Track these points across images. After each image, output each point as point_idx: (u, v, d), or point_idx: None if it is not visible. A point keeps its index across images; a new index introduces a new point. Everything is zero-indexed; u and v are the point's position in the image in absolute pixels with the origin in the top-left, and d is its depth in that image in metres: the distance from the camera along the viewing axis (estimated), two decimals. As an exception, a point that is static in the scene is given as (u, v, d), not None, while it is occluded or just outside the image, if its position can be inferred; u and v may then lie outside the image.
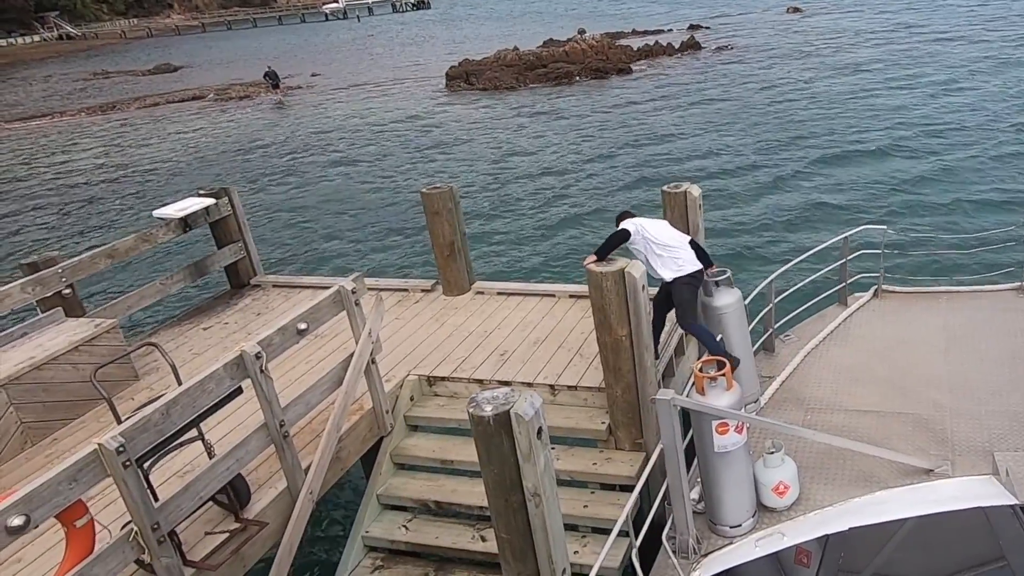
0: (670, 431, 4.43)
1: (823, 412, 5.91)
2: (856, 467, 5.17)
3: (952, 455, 5.19)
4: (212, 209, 8.34)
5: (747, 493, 4.83)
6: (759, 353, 6.65)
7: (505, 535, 4.24)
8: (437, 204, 7.89)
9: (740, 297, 5.96)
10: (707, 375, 4.64)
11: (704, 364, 4.75)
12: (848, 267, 7.30)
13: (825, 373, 6.43)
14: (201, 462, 5.16)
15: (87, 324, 6.73)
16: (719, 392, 4.63)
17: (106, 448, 3.99)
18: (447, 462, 6.28)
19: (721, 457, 4.66)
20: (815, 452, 5.35)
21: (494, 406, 3.95)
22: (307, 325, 5.38)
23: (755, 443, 5.21)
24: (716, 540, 4.86)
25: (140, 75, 52.86)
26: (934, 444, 5.33)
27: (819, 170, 16.81)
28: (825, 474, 5.19)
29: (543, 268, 13.06)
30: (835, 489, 5.04)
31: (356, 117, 29.46)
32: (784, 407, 6.02)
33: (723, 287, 5.91)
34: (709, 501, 4.89)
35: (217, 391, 4.69)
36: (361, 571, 5.92)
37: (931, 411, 5.71)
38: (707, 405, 4.52)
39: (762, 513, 4.93)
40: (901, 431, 5.52)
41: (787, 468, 4.92)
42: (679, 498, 4.63)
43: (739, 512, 4.82)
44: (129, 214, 19.52)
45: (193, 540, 4.88)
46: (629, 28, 45.49)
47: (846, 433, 5.35)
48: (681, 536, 4.75)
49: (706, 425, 4.59)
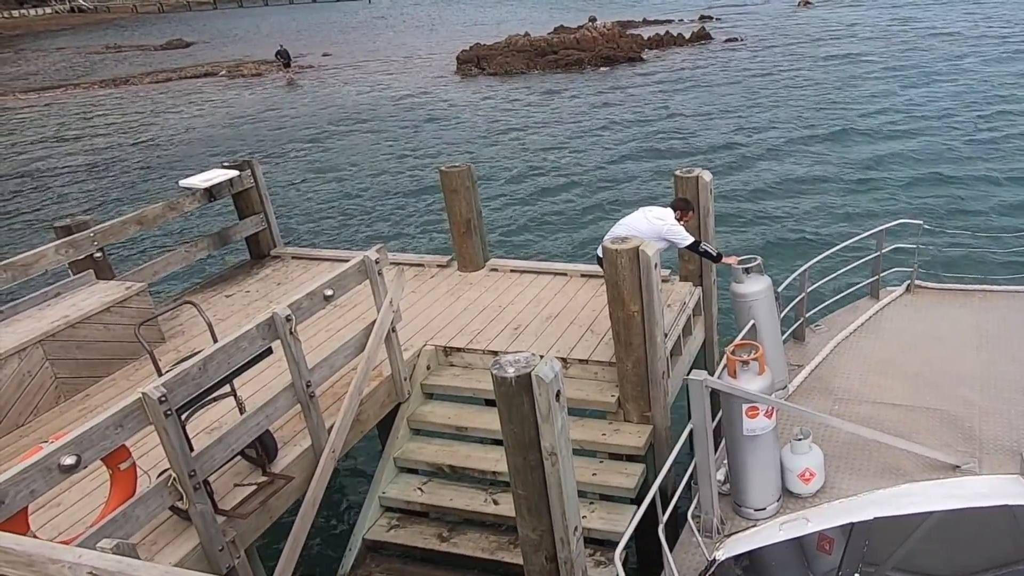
0: (700, 412, 4.50)
1: (851, 403, 5.91)
2: (882, 459, 5.19)
3: (980, 453, 5.17)
4: (236, 181, 8.55)
5: (773, 477, 4.88)
6: (789, 341, 6.67)
7: (522, 491, 4.48)
8: (455, 182, 8.09)
9: (770, 284, 5.95)
10: (740, 359, 4.69)
11: (737, 348, 4.80)
12: (882, 260, 7.25)
13: (854, 364, 6.41)
14: (228, 420, 5.44)
15: (118, 286, 6.97)
16: (751, 376, 4.67)
17: (149, 397, 4.24)
18: (461, 429, 6.53)
19: (750, 440, 4.70)
20: (841, 442, 5.38)
21: (516, 368, 4.18)
22: (333, 291, 5.62)
23: (783, 429, 5.21)
24: (740, 522, 4.93)
25: (152, 50, 52.92)
26: (962, 441, 5.32)
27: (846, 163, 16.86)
28: (851, 464, 5.22)
29: (553, 250, 13.29)
30: (860, 479, 5.06)
31: (367, 97, 29.60)
32: (812, 396, 6.04)
33: (753, 274, 5.93)
34: (735, 483, 4.94)
35: (250, 349, 4.93)
36: (378, 530, 6.19)
37: (960, 408, 5.67)
38: (739, 388, 4.56)
39: (787, 498, 4.98)
40: (929, 426, 5.51)
41: (814, 456, 4.97)
42: (706, 478, 4.70)
43: (764, 496, 4.88)
44: (150, 183, 19.84)
45: (224, 491, 5.15)
46: (640, 17, 45.38)
47: (873, 425, 5.34)
48: (706, 515, 4.82)
49: (736, 408, 4.63)
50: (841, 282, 7.37)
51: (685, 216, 6.56)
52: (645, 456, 6.16)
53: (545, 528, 4.60)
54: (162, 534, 4.75)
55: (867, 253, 7.41)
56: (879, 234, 7.18)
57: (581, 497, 5.89)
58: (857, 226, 12.23)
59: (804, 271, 6.64)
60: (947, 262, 9.88)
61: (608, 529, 5.74)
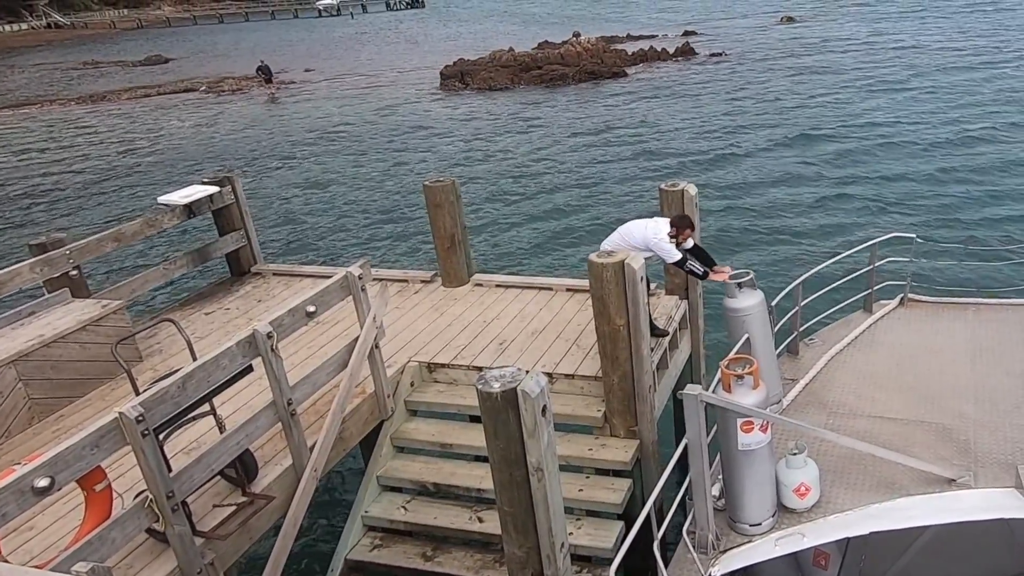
0: (696, 426, 4.46)
1: (845, 417, 5.88)
2: (878, 473, 5.15)
3: (975, 466, 5.14)
4: (216, 197, 8.46)
5: (768, 492, 4.84)
6: (783, 355, 6.65)
7: (508, 508, 4.43)
8: (439, 196, 8.07)
9: (763, 299, 5.92)
10: (734, 373, 4.66)
11: (731, 362, 4.77)
12: (875, 274, 7.23)
13: (849, 378, 6.38)
14: (208, 439, 5.33)
15: (94, 305, 6.84)
16: (746, 390, 4.63)
17: (126, 417, 4.14)
18: (446, 446, 6.46)
19: (745, 455, 4.67)
20: (837, 456, 5.34)
21: (502, 383, 4.14)
22: (316, 308, 5.55)
23: (778, 444, 5.16)
24: (735, 537, 4.88)
25: (131, 66, 52.58)
26: (957, 454, 5.29)
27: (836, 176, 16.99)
28: (846, 478, 5.18)
29: (538, 264, 13.29)
30: (856, 494, 5.02)
31: (350, 113, 29.58)
32: (806, 410, 6.00)
33: (746, 288, 5.87)
34: (730, 498, 4.90)
35: (230, 367, 4.84)
36: (361, 549, 6.08)
37: (955, 421, 5.65)
38: (734, 403, 4.53)
39: (782, 513, 4.93)
40: (924, 439, 5.47)
41: (809, 470, 4.93)
42: (701, 494, 4.65)
43: (760, 511, 4.84)
44: (127, 201, 19.60)
45: (202, 512, 5.03)
46: (624, 32, 45.90)
47: (868, 439, 5.31)
48: (701, 531, 4.77)
49: (731, 423, 4.60)
50: (835, 296, 7.31)
51: (681, 233, 6.46)
52: (632, 471, 6.12)
53: (531, 545, 4.55)
54: (138, 557, 4.63)
55: (860, 267, 7.36)
56: (872, 248, 7.16)
57: (567, 513, 5.81)
58: (850, 240, 12.25)
59: (797, 285, 6.61)
60: (941, 276, 9.83)
61: (595, 545, 5.69)
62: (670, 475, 4.79)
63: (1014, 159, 17.26)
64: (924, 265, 8.70)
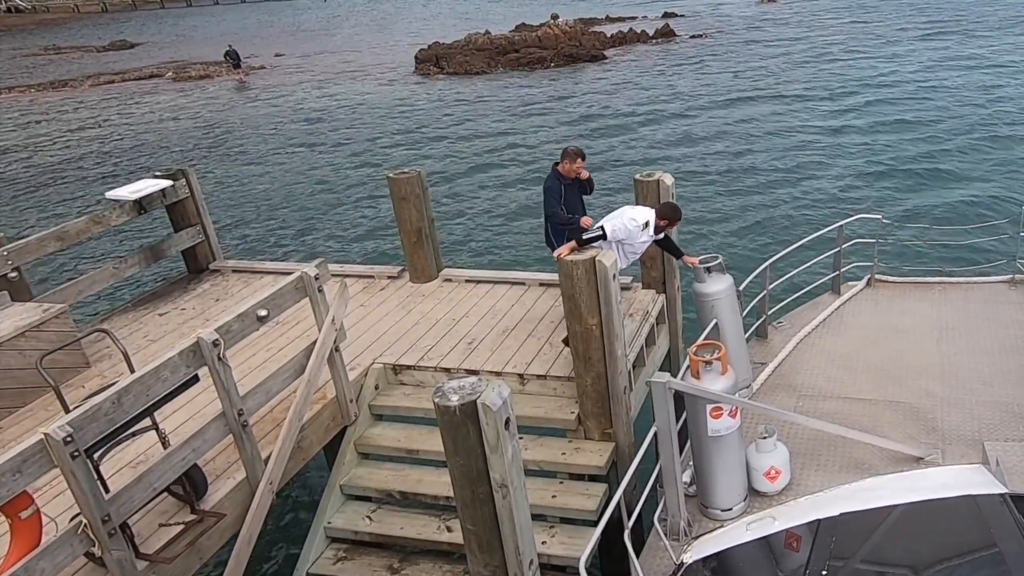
0: (664, 414, 4.44)
1: (815, 399, 5.92)
2: (847, 454, 5.20)
3: (943, 444, 5.22)
4: (169, 191, 8.02)
5: (739, 477, 4.85)
6: (752, 339, 6.68)
7: (471, 527, 4.15)
8: (404, 189, 7.72)
9: (732, 283, 5.95)
10: (702, 359, 4.65)
11: (700, 348, 4.76)
12: (842, 255, 7.31)
13: (817, 360, 6.43)
14: (156, 452, 4.98)
15: (34, 309, 6.42)
16: (714, 376, 4.65)
17: (52, 438, 3.80)
18: (412, 452, 6.17)
19: (715, 441, 4.68)
20: (807, 438, 5.40)
21: (460, 396, 3.85)
22: (267, 312, 5.21)
23: (748, 428, 5.23)
24: (707, 523, 4.88)
25: (95, 51, 50.92)
26: (925, 433, 5.37)
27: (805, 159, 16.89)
28: (816, 460, 5.22)
29: (509, 255, 12.97)
30: (826, 475, 5.06)
31: (321, 99, 28.84)
32: (776, 393, 6.05)
33: (715, 273, 5.90)
34: (701, 484, 4.92)
35: (172, 379, 4.50)
36: (323, 563, 5.79)
37: (922, 400, 5.74)
38: (703, 389, 4.53)
39: (753, 497, 4.95)
40: (892, 419, 5.56)
41: (779, 453, 4.96)
42: (672, 481, 4.64)
43: (731, 496, 4.85)
44: (81, 197, 18.79)
45: (147, 532, 4.71)
46: (603, 14, 45.32)
47: (838, 420, 5.36)
48: (672, 518, 4.78)
49: (700, 409, 4.60)
50: (802, 278, 7.32)
51: (660, 222, 6.11)
52: (607, 475, 5.89)
53: (498, 563, 4.29)
54: (76, 586, 4.30)
55: (828, 249, 7.42)
56: (839, 229, 7.22)
57: (540, 520, 5.61)
58: (817, 222, 12.23)
59: (765, 268, 6.65)
60: (907, 255, 9.84)
61: (569, 555, 5.44)
62: (645, 465, 4.73)
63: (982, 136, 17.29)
64: (891, 245, 8.68)
